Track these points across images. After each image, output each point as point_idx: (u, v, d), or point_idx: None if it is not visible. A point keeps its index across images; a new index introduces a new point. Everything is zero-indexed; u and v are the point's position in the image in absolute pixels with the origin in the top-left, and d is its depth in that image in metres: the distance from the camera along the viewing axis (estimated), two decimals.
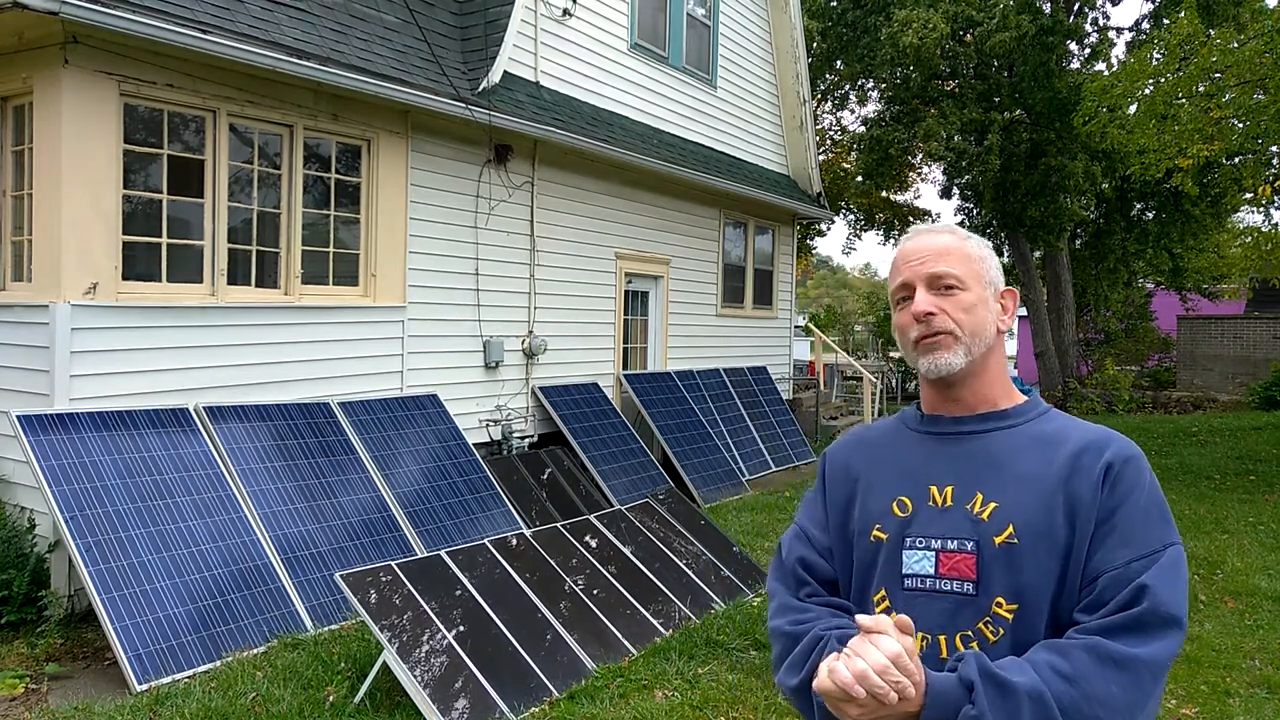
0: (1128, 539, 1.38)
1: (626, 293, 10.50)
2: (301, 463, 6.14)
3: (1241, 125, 11.06)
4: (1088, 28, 18.98)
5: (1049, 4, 18.23)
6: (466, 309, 8.26)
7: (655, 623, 5.32)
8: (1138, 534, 1.39)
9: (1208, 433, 14.00)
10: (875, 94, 21.54)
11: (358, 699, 4.27)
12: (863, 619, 1.33)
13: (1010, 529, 1.42)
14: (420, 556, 4.98)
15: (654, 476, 9.00)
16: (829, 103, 22.78)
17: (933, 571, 1.47)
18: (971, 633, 1.43)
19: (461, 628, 4.48)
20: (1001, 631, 1.41)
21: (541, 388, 8.99)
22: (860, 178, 21.22)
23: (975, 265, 1.54)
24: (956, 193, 20.88)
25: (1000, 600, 1.42)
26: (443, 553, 4.88)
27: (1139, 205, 19.98)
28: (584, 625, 4.98)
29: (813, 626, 1.51)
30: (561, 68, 9.13)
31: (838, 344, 20.93)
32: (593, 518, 5.98)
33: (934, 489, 1.51)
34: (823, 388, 16.23)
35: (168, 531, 5.12)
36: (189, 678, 4.61)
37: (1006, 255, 20.56)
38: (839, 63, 20.43)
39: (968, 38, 18.23)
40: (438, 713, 4.00)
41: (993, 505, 1.45)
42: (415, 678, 4.10)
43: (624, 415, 9.59)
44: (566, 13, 9.07)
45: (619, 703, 4.39)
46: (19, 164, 5.84)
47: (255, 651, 4.94)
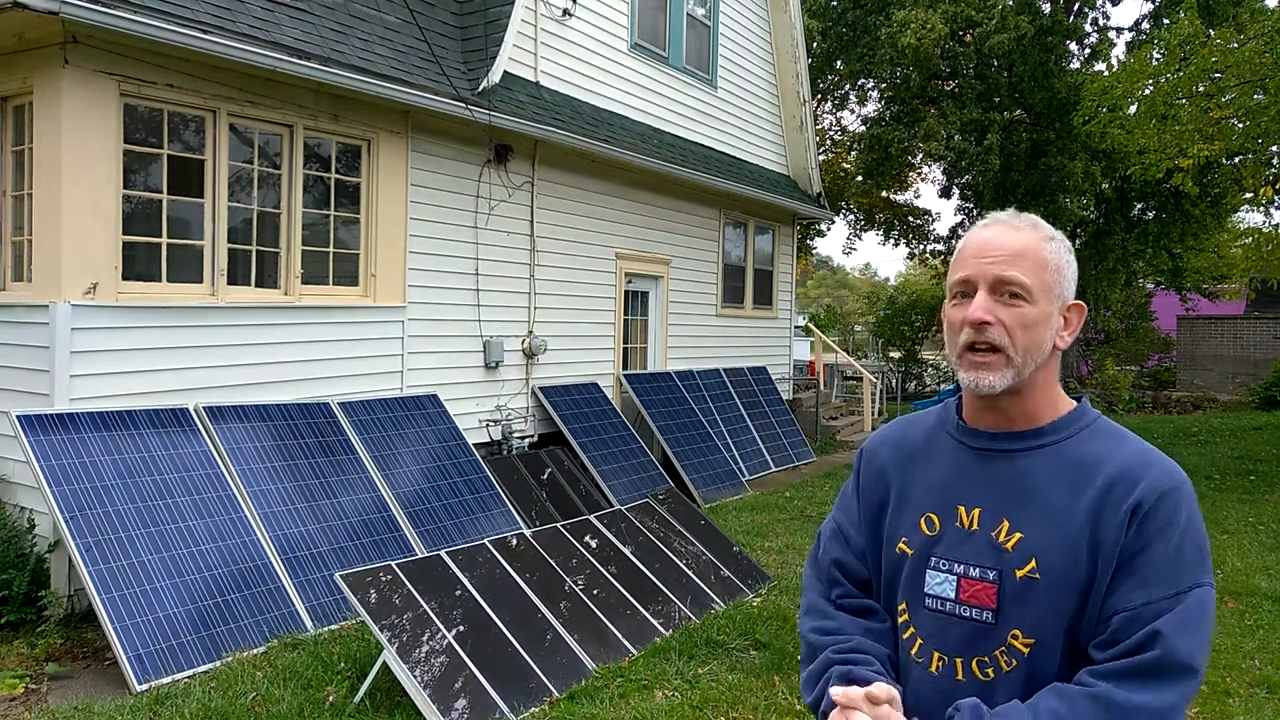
0: (1147, 579, 1.34)
1: (626, 293, 10.50)
2: (301, 463, 6.14)
3: (1241, 125, 11.04)
4: (1087, 28, 18.99)
5: (1049, 4, 18.22)
6: (466, 309, 8.26)
7: (655, 623, 5.32)
8: (1162, 574, 1.34)
9: (1208, 433, 14.01)
10: (875, 94, 21.55)
11: (358, 699, 4.27)
12: (836, 693, 1.39)
13: (1033, 563, 1.40)
14: (420, 556, 4.98)
15: (654, 476, 9.00)
16: (829, 102, 22.78)
17: (954, 596, 1.47)
18: (988, 659, 1.43)
19: (461, 628, 4.48)
20: (1016, 663, 1.41)
21: (541, 388, 8.99)
22: (860, 177, 21.23)
23: (1048, 276, 1.43)
24: (956, 192, 20.91)
25: (1017, 633, 1.41)
26: (443, 553, 4.88)
27: (1139, 205, 19.95)
28: (584, 625, 4.98)
29: (830, 644, 1.55)
30: (561, 68, 9.13)
31: (838, 344, 20.89)
32: (593, 518, 5.98)
33: (962, 509, 1.49)
34: (823, 388, 16.23)
35: (168, 531, 5.12)
36: (189, 678, 4.61)
37: None
38: (839, 62, 20.43)
39: (967, 38, 18.24)
40: (438, 713, 4.00)
41: (1018, 536, 1.42)
42: (415, 678, 4.10)
43: (624, 415, 9.59)
44: (566, 13, 9.07)
45: (619, 703, 4.39)
46: (19, 164, 5.84)
47: (255, 651, 4.94)
